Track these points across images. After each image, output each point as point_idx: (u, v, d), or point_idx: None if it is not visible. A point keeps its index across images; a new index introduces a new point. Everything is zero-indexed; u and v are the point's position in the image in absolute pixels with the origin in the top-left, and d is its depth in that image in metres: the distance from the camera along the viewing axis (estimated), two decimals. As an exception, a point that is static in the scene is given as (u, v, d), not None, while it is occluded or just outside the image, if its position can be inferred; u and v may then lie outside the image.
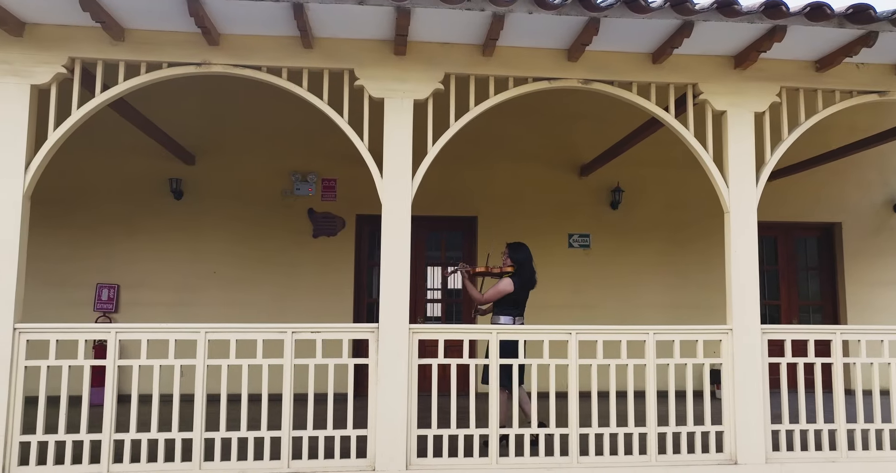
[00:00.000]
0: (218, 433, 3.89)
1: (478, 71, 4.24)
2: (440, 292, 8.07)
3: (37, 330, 3.86)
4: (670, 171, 8.10)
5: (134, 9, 3.72)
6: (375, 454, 3.92)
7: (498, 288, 5.01)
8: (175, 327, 3.97)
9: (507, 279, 5.05)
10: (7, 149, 3.88)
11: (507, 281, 5.04)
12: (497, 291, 5.00)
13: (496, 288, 5.02)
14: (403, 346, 3.98)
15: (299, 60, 4.12)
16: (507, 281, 5.03)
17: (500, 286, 5.02)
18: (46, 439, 3.79)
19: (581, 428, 4.10)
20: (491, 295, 5.02)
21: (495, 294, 5.01)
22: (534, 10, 3.67)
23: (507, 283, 5.02)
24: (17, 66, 3.91)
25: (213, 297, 7.40)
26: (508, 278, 5.06)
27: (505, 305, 5.04)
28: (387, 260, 4.08)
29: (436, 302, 8.08)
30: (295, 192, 7.60)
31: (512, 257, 5.17)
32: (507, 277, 5.07)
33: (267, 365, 3.97)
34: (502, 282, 5.04)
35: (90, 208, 7.37)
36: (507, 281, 5.03)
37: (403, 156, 4.15)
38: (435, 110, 4.22)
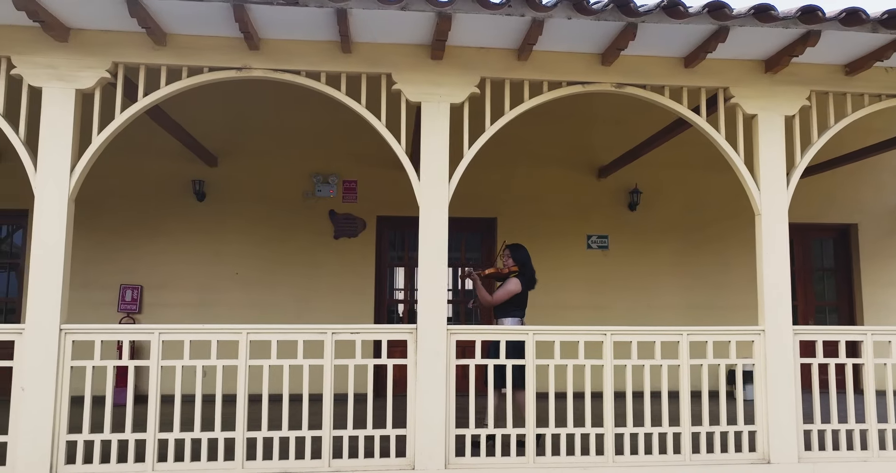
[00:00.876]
0: (260, 432, 3.95)
1: (513, 75, 4.29)
2: (451, 293, 8.13)
3: (82, 331, 3.92)
4: (687, 173, 8.17)
5: (179, 14, 3.77)
6: (415, 453, 3.97)
7: (507, 289, 5.03)
8: (218, 328, 4.02)
9: (515, 279, 5.07)
10: (53, 153, 3.94)
11: (514, 281, 5.05)
12: (507, 292, 5.02)
13: (505, 289, 5.03)
14: (441, 347, 4.04)
15: (338, 65, 4.17)
16: (514, 282, 5.05)
17: (508, 287, 5.04)
18: (92, 438, 3.85)
19: (616, 428, 4.15)
20: (501, 296, 5.02)
21: (505, 294, 5.02)
22: (573, 16, 3.72)
23: (516, 284, 5.03)
24: (63, 70, 3.96)
25: (235, 298, 7.46)
26: (515, 278, 5.08)
27: (509, 306, 5.04)
28: (424, 263, 4.13)
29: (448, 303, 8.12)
30: (316, 194, 7.66)
31: (514, 257, 5.19)
32: (513, 278, 5.09)
33: (307, 365, 4.02)
34: (510, 283, 5.06)
35: (114, 210, 7.43)
36: (515, 282, 5.05)
37: (440, 159, 4.20)
38: (470, 114, 4.28)
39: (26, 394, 3.76)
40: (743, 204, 8.26)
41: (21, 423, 3.75)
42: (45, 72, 3.95)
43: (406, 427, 4.03)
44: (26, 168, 4.01)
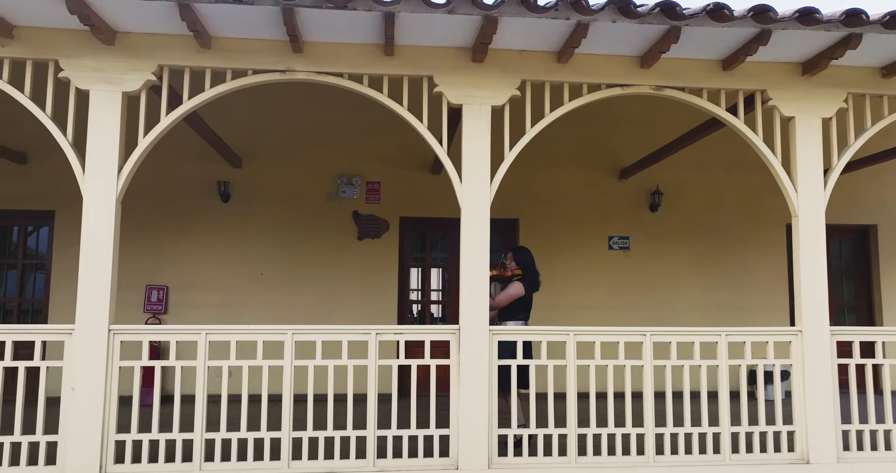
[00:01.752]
0: (305, 432, 3.98)
1: (552, 78, 4.32)
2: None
3: (131, 332, 3.95)
4: (708, 175, 8.21)
5: (228, 18, 3.81)
6: (458, 453, 4.01)
7: (510, 293, 5.02)
8: (264, 328, 4.06)
9: (518, 283, 5.06)
10: (101, 155, 3.98)
11: (517, 285, 5.04)
12: (509, 295, 5.02)
13: (508, 293, 5.03)
14: (484, 347, 4.07)
15: (380, 67, 4.20)
16: (517, 285, 5.04)
17: (511, 290, 5.03)
18: (140, 437, 3.88)
19: (656, 428, 4.18)
20: (503, 300, 5.02)
21: (507, 298, 5.02)
22: (617, 19, 3.76)
23: (519, 287, 5.03)
24: (110, 73, 4.00)
25: (260, 299, 7.49)
26: (518, 282, 5.07)
27: (514, 309, 5.03)
28: (466, 264, 4.17)
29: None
30: (340, 195, 7.69)
31: (517, 260, 5.19)
32: (516, 281, 5.09)
33: (352, 365, 4.06)
34: (513, 287, 5.05)
35: (139, 211, 7.42)
36: (518, 285, 5.04)
37: (482, 161, 4.23)
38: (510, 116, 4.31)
39: (76, 394, 3.79)
40: (763, 205, 8.40)
41: (71, 423, 3.78)
42: (93, 74, 3.99)
43: (449, 427, 4.06)
44: (74, 170, 4.03)
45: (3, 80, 3.97)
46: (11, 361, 3.87)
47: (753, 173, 8.25)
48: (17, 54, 3.97)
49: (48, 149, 7.32)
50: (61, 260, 7.36)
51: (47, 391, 3.90)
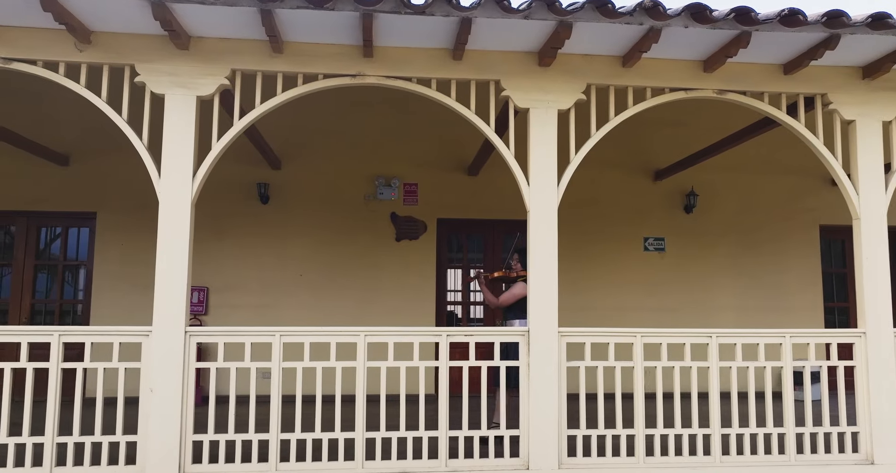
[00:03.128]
0: (378, 433, 4.02)
1: (617, 81, 4.36)
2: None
3: (206, 334, 4.00)
4: (742, 176, 8.26)
5: (303, 22, 3.84)
6: (529, 453, 4.05)
7: (513, 293, 5.14)
8: (336, 330, 4.10)
9: (522, 283, 5.16)
10: (176, 159, 4.03)
11: (521, 284, 5.15)
12: (513, 295, 5.14)
13: (511, 293, 5.15)
14: (553, 349, 4.11)
15: (448, 72, 4.24)
16: (521, 285, 5.14)
17: (515, 290, 5.15)
18: (217, 438, 3.93)
19: (722, 429, 4.22)
20: (507, 299, 5.15)
21: (511, 298, 5.14)
22: (690, 25, 3.80)
23: (522, 287, 5.10)
24: (184, 78, 4.04)
25: (299, 300, 7.54)
26: (523, 282, 5.16)
27: (519, 309, 5.14)
28: (535, 266, 4.20)
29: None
30: (378, 197, 7.74)
31: (523, 262, 5.29)
32: (520, 281, 5.19)
33: (423, 367, 4.10)
34: (517, 287, 5.16)
35: (180, 212, 7.50)
36: (523, 285, 5.11)
37: (549, 164, 4.27)
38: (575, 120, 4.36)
39: (154, 395, 3.84)
40: (796, 206, 8.44)
41: (150, 423, 3.83)
42: (168, 79, 4.03)
43: (519, 428, 4.10)
44: (150, 174, 4.08)
45: (80, 85, 4.00)
46: (90, 362, 3.91)
47: (786, 174, 8.36)
48: (94, 59, 4.01)
49: (90, 151, 7.43)
50: (103, 261, 7.42)
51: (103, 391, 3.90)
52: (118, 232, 7.45)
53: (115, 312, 7.22)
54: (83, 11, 3.71)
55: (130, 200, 7.45)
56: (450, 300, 8.10)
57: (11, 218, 7.48)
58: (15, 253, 7.45)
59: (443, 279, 7.96)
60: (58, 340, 3.86)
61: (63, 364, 3.87)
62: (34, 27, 3.94)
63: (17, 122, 6.55)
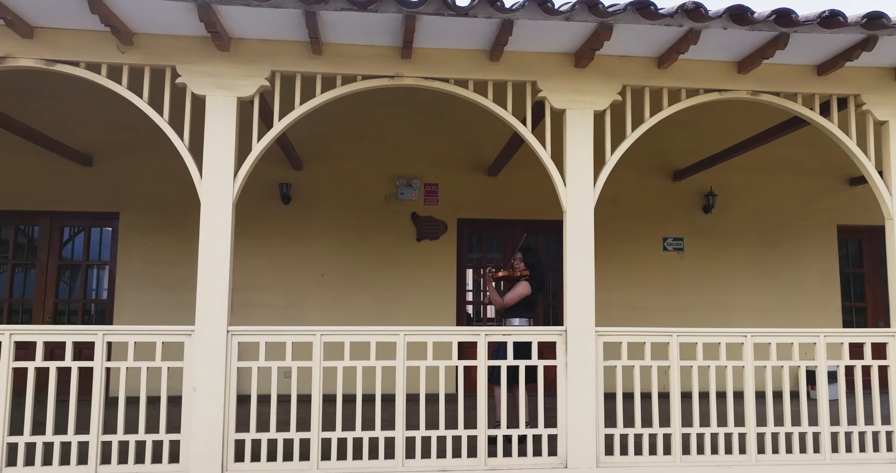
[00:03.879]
0: (418, 432, 4.05)
1: (652, 83, 4.39)
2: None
3: (247, 333, 4.02)
4: (760, 176, 8.28)
5: (344, 24, 3.86)
6: (567, 452, 4.08)
7: (517, 292, 5.22)
8: (376, 330, 4.13)
9: (525, 282, 5.26)
10: (218, 160, 4.06)
11: (524, 284, 5.25)
12: (517, 294, 5.22)
13: (515, 292, 5.23)
14: (591, 348, 4.14)
15: (485, 73, 4.27)
16: (524, 285, 5.24)
17: (518, 289, 5.23)
18: (259, 437, 3.96)
19: (758, 427, 4.25)
20: (511, 299, 5.22)
21: (515, 297, 5.22)
22: (729, 27, 3.82)
23: (526, 287, 5.23)
24: (225, 79, 4.07)
25: (320, 300, 7.58)
26: (525, 281, 5.26)
27: (518, 307, 5.23)
28: (571, 266, 4.24)
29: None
30: (399, 197, 7.76)
31: (525, 261, 5.39)
32: (523, 281, 5.27)
33: (462, 366, 4.13)
34: (520, 286, 5.24)
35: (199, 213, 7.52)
36: (525, 285, 5.24)
37: (585, 165, 4.30)
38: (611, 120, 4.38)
39: (197, 394, 3.87)
40: (813, 207, 8.46)
41: (193, 422, 3.86)
42: (208, 80, 4.06)
43: (557, 427, 4.13)
44: (192, 175, 4.10)
45: (122, 86, 4.03)
46: (133, 362, 3.94)
47: (804, 174, 8.39)
48: (136, 61, 4.04)
49: (113, 152, 7.46)
50: (126, 261, 7.45)
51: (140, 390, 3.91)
52: (141, 232, 7.48)
53: (139, 312, 7.26)
54: (129, 13, 3.74)
55: (153, 200, 7.50)
56: (468, 300, 8.13)
57: (35, 218, 7.51)
58: (38, 253, 7.48)
59: (463, 279, 7.99)
60: (102, 339, 3.90)
61: (108, 363, 3.91)
62: (77, 29, 3.97)
63: (41, 123, 6.57)
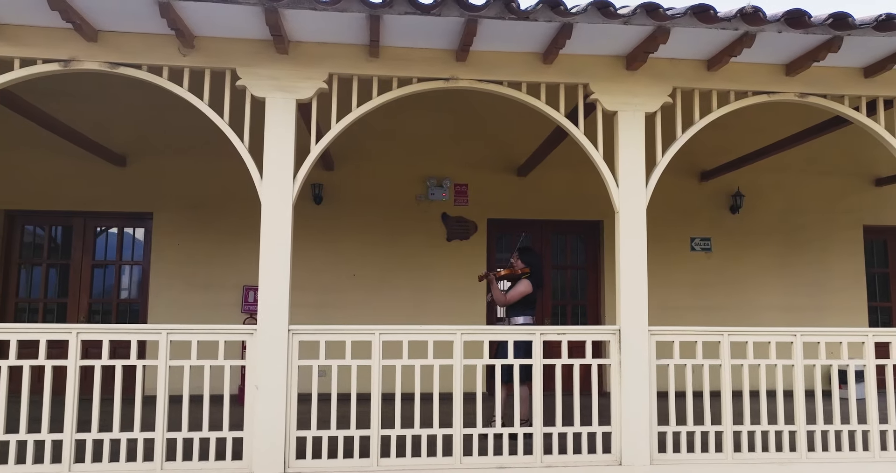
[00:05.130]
0: (475, 429, 4.11)
1: (702, 85, 4.44)
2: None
3: (308, 332, 4.08)
4: (787, 177, 8.33)
5: (404, 27, 3.91)
6: (621, 449, 4.13)
7: (519, 290, 5.31)
8: (433, 328, 4.19)
9: (525, 281, 5.35)
10: (278, 162, 4.11)
11: (525, 282, 5.34)
12: (518, 292, 5.30)
13: (517, 290, 5.31)
14: (644, 347, 4.20)
15: (538, 75, 4.33)
16: (525, 283, 5.33)
17: (520, 288, 5.32)
18: (320, 434, 4.01)
19: (807, 425, 4.31)
20: (513, 297, 5.31)
21: (517, 294, 5.30)
22: (784, 30, 3.88)
23: (527, 284, 5.32)
24: (284, 81, 4.13)
25: (353, 299, 7.63)
26: (526, 279, 5.35)
27: (520, 306, 5.32)
28: (625, 266, 4.28)
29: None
30: (429, 197, 7.81)
31: (523, 260, 5.46)
32: (524, 279, 5.36)
33: (518, 364, 4.19)
34: (522, 284, 5.33)
35: (235, 212, 7.59)
36: (526, 283, 5.33)
37: (637, 166, 4.37)
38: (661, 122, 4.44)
39: (260, 392, 3.93)
40: (839, 207, 8.51)
41: (256, 420, 3.92)
42: (268, 83, 4.12)
43: (611, 425, 4.19)
44: (252, 176, 4.17)
45: (183, 88, 4.09)
46: (196, 360, 4.00)
47: (830, 175, 8.44)
48: (197, 63, 4.09)
49: (146, 152, 7.52)
50: (159, 261, 7.51)
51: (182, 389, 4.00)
52: (174, 232, 7.54)
53: (173, 311, 7.32)
54: (196, 17, 3.79)
55: (186, 201, 7.56)
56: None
57: (68, 218, 7.57)
58: (72, 253, 7.55)
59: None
60: (166, 338, 3.96)
61: (171, 361, 3.96)
62: (139, 32, 4.03)
63: (79, 124, 6.63)
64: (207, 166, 7.54)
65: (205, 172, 7.56)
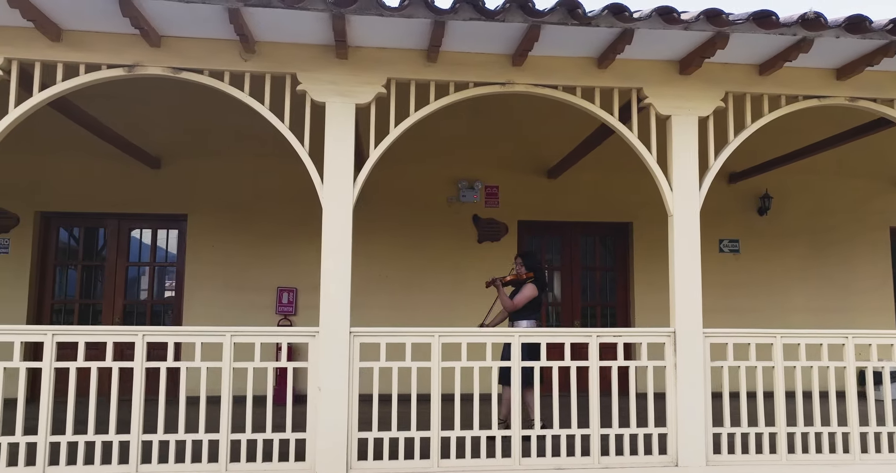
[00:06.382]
0: (533, 430, 4.16)
1: (753, 89, 4.48)
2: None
3: (369, 334, 4.13)
4: (814, 178, 8.37)
5: (464, 33, 3.95)
6: (677, 450, 4.17)
7: (525, 295, 5.36)
8: (492, 331, 4.27)
9: (531, 285, 5.41)
10: (338, 166, 4.16)
11: (531, 286, 5.40)
12: (525, 297, 5.36)
13: (523, 295, 5.36)
14: (699, 349, 4.24)
15: (592, 80, 4.36)
16: (531, 287, 5.39)
17: (526, 292, 5.37)
18: (381, 436, 4.05)
19: (861, 427, 4.34)
20: (520, 301, 5.35)
21: (524, 299, 5.35)
22: (842, 35, 3.92)
23: (532, 289, 5.38)
24: (343, 86, 4.17)
25: (384, 300, 7.66)
26: (531, 284, 5.41)
27: (525, 309, 5.37)
28: (679, 268, 4.34)
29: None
30: (460, 199, 7.86)
31: (526, 265, 5.53)
32: (529, 283, 5.41)
33: (575, 367, 4.23)
34: (528, 289, 5.39)
35: (268, 215, 7.65)
36: (532, 287, 5.39)
37: (691, 170, 4.41)
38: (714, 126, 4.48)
39: (322, 394, 3.97)
40: (866, 208, 8.55)
41: (319, 421, 3.96)
42: (328, 88, 4.16)
43: (666, 426, 4.23)
44: (313, 179, 4.21)
45: (244, 93, 4.13)
46: (260, 362, 4.04)
47: (857, 177, 8.48)
48: (257, 68, 4.13)
49: (181, 154, 7.56)
50: (194, 262, 7.56)
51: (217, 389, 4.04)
52: (209, 233, 7.59)
53: (208, 312, 7.37)
54: (261, 22, 3.83)
55: (220, 203, 7.60)
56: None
57: (103, 220, 7.62)
58: (107, 255, 7.59)
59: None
60: (230, 340, 4.00)
61: (235, 363, 4.00)
62: (201, 38, 4.07)
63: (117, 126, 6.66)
64: (241, 168, 7.59)
65: (238, 174, 7.61)
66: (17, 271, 7.30)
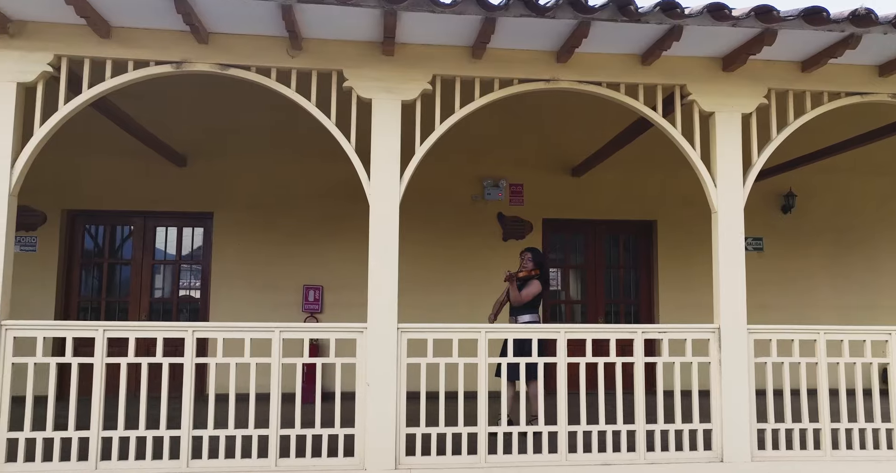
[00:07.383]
0: (579, 426, 4.17)
1: (796, 86, 4.49)
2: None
3: (416, 330, 4.14)
4: (838, 176, 8.36)
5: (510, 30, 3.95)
6: (722, 446, 4.18)
7: (531, 290, 5.51)
8: (537, 328, 4.30)
9: (536, 281, 5.56)
10: (385, 163, 4.20)
11: (536, 282, 5.55)
12: (531, 293, 5.51)
13: (530, 291, 5.51)
14: (743, 346, 4.25)
15: (636, 76, 4.37)
16: (537, 284, 5.55)
17: (532, 288, 5.52)
18: (428, 431, 4.06)
19: None
20: (528, 295, 5.50)
21: (530, 295, 5.50)
22: (889, 32, 3.92)
23: (538, 285, 5.54)
24: (389, 83, 4.18)
25: (410, 298, 7.43)
26: (536, 280, 5.56)
27: (529, 305, 5.51)
28: (723, 265, 4.35)
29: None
30: (485, 197, 7.86)
31: (534, 261, 5.64)
32: (535, 279, 5.56)
33: (621, 362, 4.24)
34: (534, 285, 5.53)
35: (294, 212, 7.65)
36: (537, 283, 5.55)
37: (734, 166, 4.42)
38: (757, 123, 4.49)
39: (371, 389, 3.98)
40: (890, 207, 8.53)
41: (368, 417, 3.97)
42: (374, 84, 4.17)
43: (711, 422, 4.23)
44: (360, 177, 4.23)
45: (291, 89, 4.14)
46: (309, 358, 4.06)
47: (881, 175, 8.48)
48: (304, 65, 4.15)
49: (206, 152, 7.57)
50: (220, 260, 7.57)
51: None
52: (234, 231, 7.59)
53: (234, 309, 7.38)
54: (311, 19, 3.84)
55: (245, 200, 7.61)
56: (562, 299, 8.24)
57: (129, 217, 7.63)
58: (133, 253, 7.61)
59: (546, 279, 8.07)
60: (279, 336, 4.01)
61: (283, 359, 4.01)
62: (249, 34, 4.08)
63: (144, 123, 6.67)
64: (266, 166, 7.60)
65: (265, 173, 7.61)
66: (45, 269, 7.30)
